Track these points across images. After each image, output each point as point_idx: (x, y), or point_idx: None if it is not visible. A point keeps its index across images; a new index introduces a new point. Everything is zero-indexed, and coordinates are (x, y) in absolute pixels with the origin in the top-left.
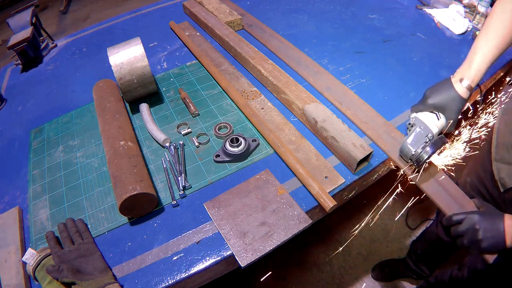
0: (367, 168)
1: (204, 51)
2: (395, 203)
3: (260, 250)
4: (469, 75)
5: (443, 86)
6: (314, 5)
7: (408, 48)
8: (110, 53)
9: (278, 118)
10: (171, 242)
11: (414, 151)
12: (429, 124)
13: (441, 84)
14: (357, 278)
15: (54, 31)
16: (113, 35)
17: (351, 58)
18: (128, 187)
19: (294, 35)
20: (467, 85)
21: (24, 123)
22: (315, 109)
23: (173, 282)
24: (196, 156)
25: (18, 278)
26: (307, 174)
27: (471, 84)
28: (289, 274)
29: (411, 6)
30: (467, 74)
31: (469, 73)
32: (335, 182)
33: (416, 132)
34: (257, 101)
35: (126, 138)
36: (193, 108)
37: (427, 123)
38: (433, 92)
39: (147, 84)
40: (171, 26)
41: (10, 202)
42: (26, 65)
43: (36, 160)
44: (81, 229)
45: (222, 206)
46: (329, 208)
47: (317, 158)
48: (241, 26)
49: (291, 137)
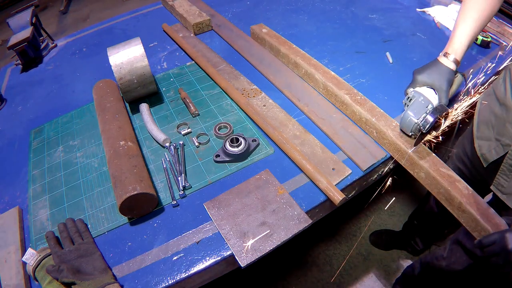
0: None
1: (200, 52)
2: (395, 202)
3: (260, 250)
4: (452, 49)
5: (430, 63)
6: (314, 5)
7: (408, 48)
8: (110, 53)
9: (281, 115)
10: (171, 242)
11: (417, 120)
12: (429, 96)
13: (428, 63)
14: (357, 278)
15: (54, 31)
16: (113, 35)
17: (351, 58)
18: (128, 187)
19: (294, 35)
20: (453, 58)
21: (24, 123)
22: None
23: (173, 282)
24: (196, 156)
25: (18, 278)
26: (314, 169)
27: (456, 57)
28: (289, 274)
29: (411, 6)
30: (450, 49)
31: (452, 47)
32: (342, 173)
33: (417, 102)
34: (258, 98)
35: (126, 138)
36: (193, 108)
37: (427, 95)
38: (421, 69)
39: (147, 84)
40: (164, 28)
41: (10, 202)
42: (26, 65)
43: (36, 160)
44: (81, 229)
45: (222, 206)
46: (338, 201)
47: (322, 151)
48: (210, 27)
49: (296, 132)
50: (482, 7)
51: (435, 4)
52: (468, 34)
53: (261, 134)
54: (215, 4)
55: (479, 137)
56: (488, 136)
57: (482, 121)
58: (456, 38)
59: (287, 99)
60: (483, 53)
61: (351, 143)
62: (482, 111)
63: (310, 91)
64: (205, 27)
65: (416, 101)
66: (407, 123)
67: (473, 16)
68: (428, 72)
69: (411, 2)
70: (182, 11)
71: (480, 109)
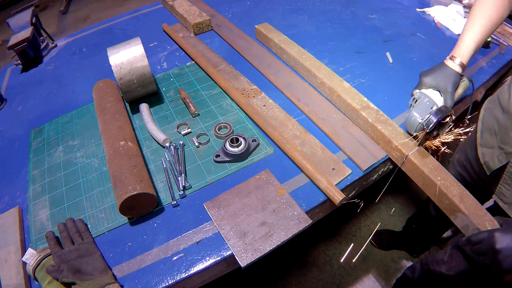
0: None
1: (200, 52)
2: (394, 203)
3: (260, 250)
4: (459, 53)
5: (437, 66)
6: (314, 5)
7: (408, 48)
8: (110, 53)
9: (281, 115)
10: (171, 242)
11: (421, 119)
12: (434, 98)
13: (435, 66)
14: (357, 278)
15: (54, 31)
16: (113, 35)
17: (351, 58)
18: (128, 187)
19: (294, 35)
20: (459, 61)
21: (24, 123)
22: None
23: (173, 282)
24: (196, 156)
25: (18, 278)
26: (315, 169)
27: (462, 61)
28: (289, 274)
29: (411, 6)
30: (457, 52)
31: (459, 51)
32: (342, 173)
33: (423, 103)
34: (258, 98)
35: (126, 138)
36: (193, 108)
37: (432, 97)
38: (428, 72)
39: (147, 84)
40: (164, 28)
41: (10, 202)
42: (26, 65)
43: (36, 160)
44: (81, 229)
45: (222, 206)
46: (339, 201)
47: (322, 151)
48: (210, 27)
49: (296, 132)
50: (491, 13)
51: (435, 4)
52: (476, 39)
53: (261, 134)
54: (215, 4)
55: (482, 145)
56: (491, 144)
57: (486, 128)
58: (463, 42)
59: (287, 99)
60: (483, 53)
61: (351, 143)
62: (485, 118)
63: (310, 91)
64: (205, 27)
65: (421, 102)
66: (411, 122)
67: (481, 22)
68: (434, 74)
69: (411, 2)
70: (182, 11)
71: (484, 116)
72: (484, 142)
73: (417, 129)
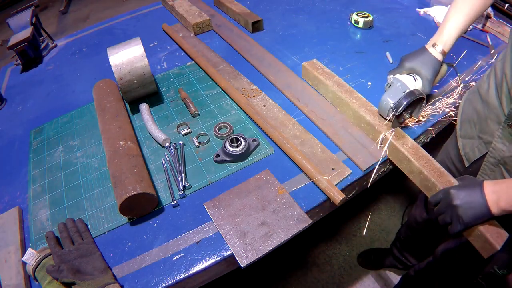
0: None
1: (200, 52)
2: (394, 202)
3: (260, 250)
4: (441, 40)
5: (418, 51)
6: (314, 5)
7: (408, 48)
8: (110, 53)
9: (281, 115)
10: (171, 242)
11: (393, 103)
12: (407, 82)
13: (416, 50)
14: (357, 278)
15: (54, 31)
16: (113, 35)
17: (351, 58)
18: (128, 187)
19: (294, 35)
20: (440, 49)
21: (24, 123)
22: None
23: (173, 282)
24: (196, 156)
25: (18, 278)
26: (315, 169)
27: (444, 48)
28: (289, 274)
29: (411, 6)
30: (439, 39)
31: (441, 38)
32: (342, 173)
33: (395, 88)
34: (258, 98)
35: (126, 138)
36: (193, 108)
37: (405, 81)
38: (409, 56)
39: (147, 84)
40: (164, 28)
41: (10, 202)
42: (26, 65)
43: (36, 160)
44: (81, 229)
45: (222, 206)
46: (339, 201)
47: (322, 151)
48: (210, 27)
49: (296, 132)
50: (474, 2)
51: (435, 4)
52: (458, 27)
53: (261, 134)
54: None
55: (463, 136)
56: (471, 134)
57: (465, 119)
58: (446, 30)
59: (287, 99)
60: (484, 53)
61: (351, 143)
62: (465, 109)
63: (310, 91)
64: (205, 27)
65: (394, 87)
66: (383, 106)
67: (464, 11)
68: (416, 60)
69: (411, 2)
70: (182, 11)
71: (464, 107)
72: (464, 133)
73: (389, 112)
